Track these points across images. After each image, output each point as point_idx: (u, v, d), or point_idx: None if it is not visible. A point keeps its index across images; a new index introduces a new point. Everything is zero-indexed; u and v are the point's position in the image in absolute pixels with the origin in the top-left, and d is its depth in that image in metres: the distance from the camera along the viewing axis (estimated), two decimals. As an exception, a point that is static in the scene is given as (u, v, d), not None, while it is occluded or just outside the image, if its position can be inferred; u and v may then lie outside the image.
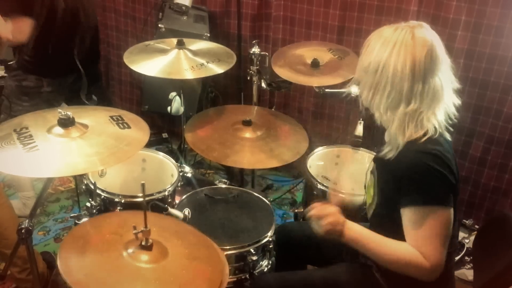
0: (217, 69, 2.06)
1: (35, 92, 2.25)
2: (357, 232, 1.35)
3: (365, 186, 1.56)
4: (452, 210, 1.29)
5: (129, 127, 1.53)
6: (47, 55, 2.19)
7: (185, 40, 2.17)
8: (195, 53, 2.14)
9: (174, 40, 2.18)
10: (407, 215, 1.29)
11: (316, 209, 1.40)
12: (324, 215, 1.37)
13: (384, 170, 1.40)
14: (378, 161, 1.43)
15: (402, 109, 1.28)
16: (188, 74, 1.99)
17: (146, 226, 1.26)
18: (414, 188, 1.27)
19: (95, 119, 1.53)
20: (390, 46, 1.26)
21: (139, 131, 1.53)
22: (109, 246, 1.27)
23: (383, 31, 1.31)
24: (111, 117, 1.57)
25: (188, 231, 1.48)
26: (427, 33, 1.28)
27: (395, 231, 1.31)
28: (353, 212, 1.55)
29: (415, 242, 1.28)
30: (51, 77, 2.25)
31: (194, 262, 1.30)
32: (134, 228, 1.26)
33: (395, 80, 1.26)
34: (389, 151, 1.34)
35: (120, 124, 1.53)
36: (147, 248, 1.26)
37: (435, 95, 1.28)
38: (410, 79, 1.25)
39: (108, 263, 1.22)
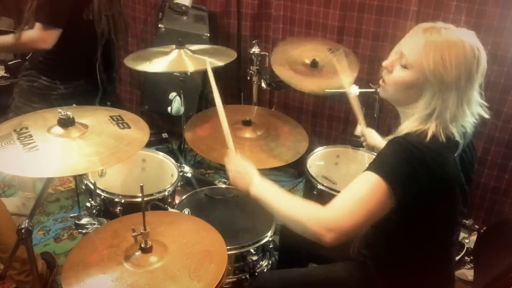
0: (218, 62, 2.09)
1: (46, 94, 2.22)
2: (263, 190, 1.34)
3: None
4: (393, 199, 1.17)
5: (129, 127, 1.53)
6: (62, 59, 2.16)
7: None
8: (195, 52, 2.15)
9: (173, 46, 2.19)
10: (360, 175, 1.23)
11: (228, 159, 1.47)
12: (233, 167, 1.43)
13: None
14: None
15: (440, 114, 1.23)
16: (190, 67, 2.03)
17: (145, 228, 1.26)
18: (380, 158, 1.24)
19: (95, 119, 1.53)
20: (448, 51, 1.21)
21: (139, 131, 1.54)
22: (110, 261, 1.27)
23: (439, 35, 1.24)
24: (111, 117, 1.57)
25: (181, 218, 1.50)
26: (479, 44, 1.25)
27: (389, 226, 1.30)
28: None
29: (340, 194, 1.22)
30: (64, 80, 2.23)
31: (195, 247, 1.32)
32: (133, 230, 1.27)
33: (450, 87, 1.22)
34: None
35: (120, 124, 1.53)
36: (148, 250, 1.27)
37: (468, 106, 1.25)
38: (456, 87, 1.21)
39: (115, 276, 1.22)
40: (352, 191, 1.21)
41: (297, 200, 1.28)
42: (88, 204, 1.83)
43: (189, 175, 2.08)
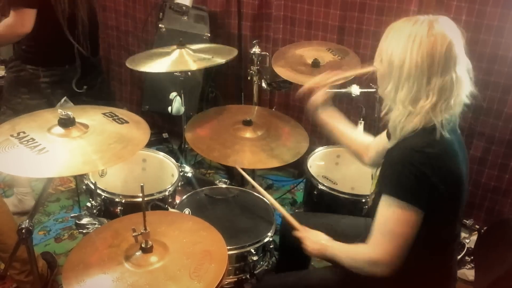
0: (220, 60, 2.07)
1: (32, 83, 2.21)
2: (330, 254, 1.46)
3: (372, 177, 1.58)
4: (420, 213, 1.25)
5: (126, 121, 1.54)
6: (44, 44, 2.15)
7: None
8: (196, 51, 2.14)
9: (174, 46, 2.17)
10: (380, 201, 1.30)
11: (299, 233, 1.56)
12: (303, 241, 1.53)
13: (385, 161, 1.41)
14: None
15: (422, 103, 1.28)
16: (193, 66, 2.02)
17: (145, 228, 1.26)
18: (391, 178, 1.28)
19: (90, 116, 1.53)
20: (409, 41, 1.30)
21: (137, 126, 1.53)
22: (110, 261, 1.27)
23: (402, 26, 1.36)
24: (104, 114, 1.57)
25: (182, 218, 1.50)
26: (446, 28, 1.32)
27: None
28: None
29: (372, 227, 1.31)
30: (47, 66, 2.21)
31: (196, 247, 1.32)
32: (134, 230, 1.27)
33: (415, 74, 1.27)
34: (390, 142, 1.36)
35: (117, 120, 1.54)
36: (148, 250, 1.27)
37: (450, 91, 1.30)
38: (428, 74, 1.27)
39: (115, 276, 1.22)
40: (383, 222, 1.29)
41: (351, 249, 1.39)
42: (88, 204, 1.83)
43: (189, 175, 2.08)
